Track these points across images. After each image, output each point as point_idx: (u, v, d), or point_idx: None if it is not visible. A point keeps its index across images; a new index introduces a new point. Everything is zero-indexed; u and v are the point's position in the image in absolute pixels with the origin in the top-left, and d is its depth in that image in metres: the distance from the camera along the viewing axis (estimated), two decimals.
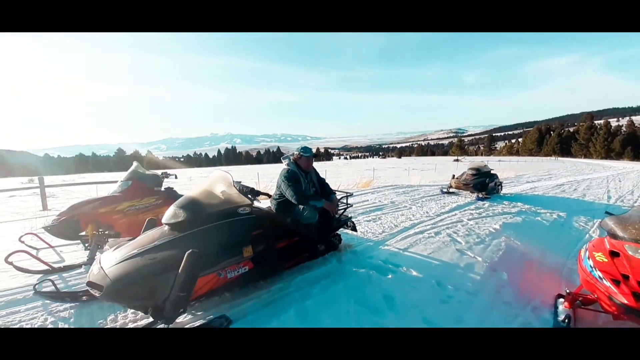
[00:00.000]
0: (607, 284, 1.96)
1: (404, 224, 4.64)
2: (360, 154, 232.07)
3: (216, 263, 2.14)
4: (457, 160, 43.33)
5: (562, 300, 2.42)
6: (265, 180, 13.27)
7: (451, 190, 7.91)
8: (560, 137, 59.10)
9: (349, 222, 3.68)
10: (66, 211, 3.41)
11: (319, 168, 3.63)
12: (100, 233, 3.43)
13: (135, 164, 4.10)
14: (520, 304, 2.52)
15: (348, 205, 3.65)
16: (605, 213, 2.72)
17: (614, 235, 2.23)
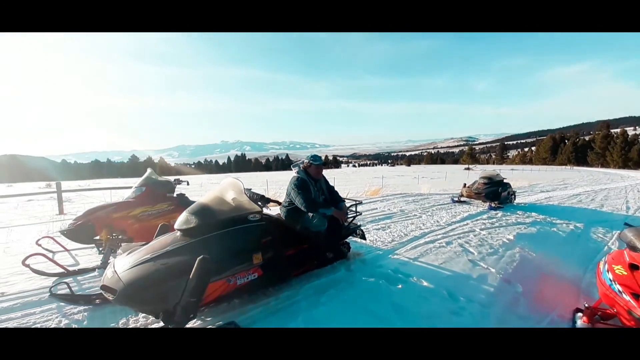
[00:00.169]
0: (627, 297, 1.90)
1: (414, 233, 4.58)
2: (368, 162, 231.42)
3: (226, 269, 2.15)
4: (468, 168, 42.71)
5: (580, 314, 2.33)
6: (274, 187, 13.35)
7: (462, 199, 7.80)
8: (575, 146, 57.77)
9: (358, 230, 3.66)
10: (82, 216, 3.51)
11: (328, 176, 3.64)
12: (113, 237, 3.50)
13: (149, 170, 4.19)
14: (536, 318, 2.44)
15: (357, 214, 3.63)
16: (624, 224, 2.63)
17: (634, 248, 2.16)
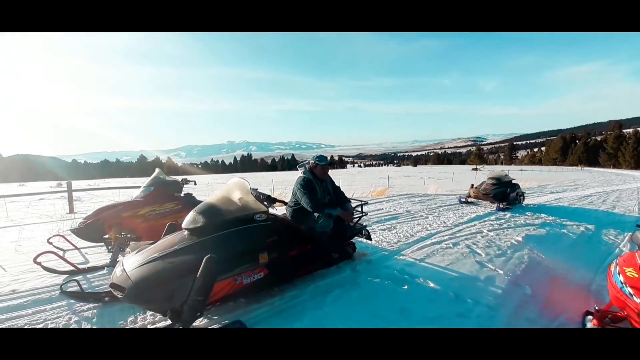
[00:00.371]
0: (638, 300, 1.88)
1: (420, 234, 4.55)
2: (374, 162, 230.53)
3: (233, 269, 2.17)
4: (476, 169, 42.23)
5: (591, 317, 2.30)
6: (279, 187, 13.38)
7: (470, 200, 7.71)
8: (586, 146, 56.62)
9: (364, 231, 3.65)
10: (91, 215, 3.57)
11: (333, 176, 3.64)
12: (122, 236, 3.55)
13: (157, 170, 4.25)
14: (545, 320, 2.40)
15: (363, 214, 3.62)
16: (636, 226, 2.58)
17: None
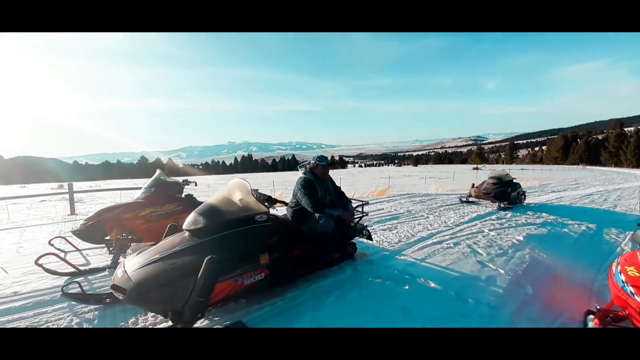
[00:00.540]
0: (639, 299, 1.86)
1: (421, 234, 4.54)
2: (375, 162, 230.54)
3: (234, 269, 2.17)
4: (477, 168, 42.20)
5: (592, 317, 2.29)
6: (280, 187, 13.40)
7: (471, 199, 7.71)
8: (587, 145, 56.53)
9: (365, 231, 3.65)
10: (93, 216, 3.58)
11: (334, 176, 3.64)
12: (123, 237, 3.56)
13: (158, 171, 4.25)
14: (547, 320, 2.39)
15: (364, 214, 3.62)
16: (637, 225, 2.58)
17: None
